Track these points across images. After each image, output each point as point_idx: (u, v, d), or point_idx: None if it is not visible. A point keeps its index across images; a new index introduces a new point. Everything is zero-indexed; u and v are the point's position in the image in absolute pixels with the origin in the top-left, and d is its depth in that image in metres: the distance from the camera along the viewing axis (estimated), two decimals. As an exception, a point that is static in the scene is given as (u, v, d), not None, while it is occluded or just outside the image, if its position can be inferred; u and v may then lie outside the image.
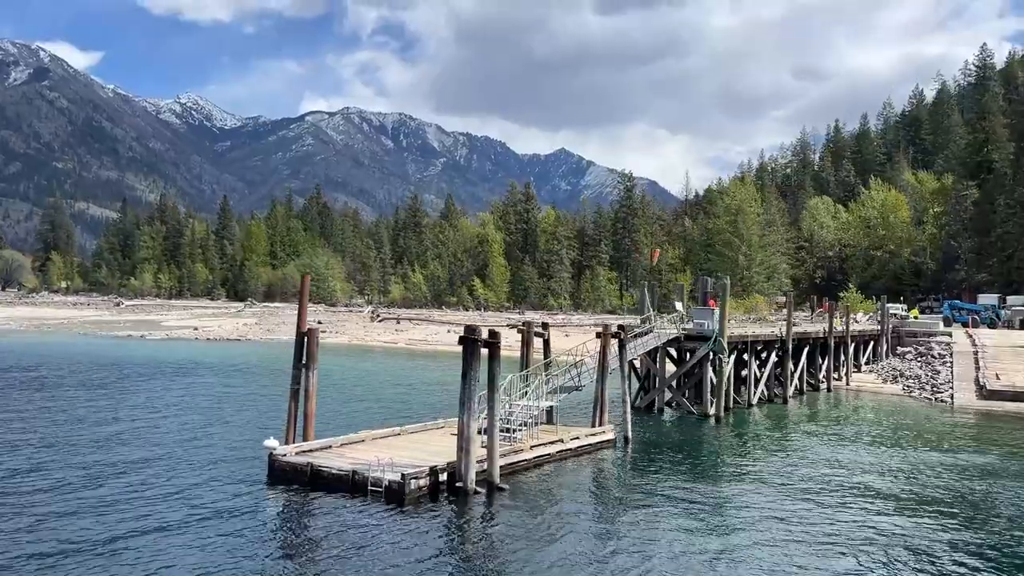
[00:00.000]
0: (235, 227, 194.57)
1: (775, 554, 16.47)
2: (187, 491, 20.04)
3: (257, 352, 63.56)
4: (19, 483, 20.34)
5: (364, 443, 23.51)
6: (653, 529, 18.01)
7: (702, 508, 19.99)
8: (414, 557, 15.89)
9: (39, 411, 31.05)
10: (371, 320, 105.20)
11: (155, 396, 36.26)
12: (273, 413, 32.24)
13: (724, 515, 19.38)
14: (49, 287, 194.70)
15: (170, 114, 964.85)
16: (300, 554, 16.04)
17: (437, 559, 16.06)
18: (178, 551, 15.60)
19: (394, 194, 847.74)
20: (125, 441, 26.03)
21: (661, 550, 16.51)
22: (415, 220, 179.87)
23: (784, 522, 18.86)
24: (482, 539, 17.58)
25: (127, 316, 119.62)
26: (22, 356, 53.62)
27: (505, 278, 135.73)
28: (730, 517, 19.23)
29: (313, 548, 16.31)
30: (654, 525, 18.31)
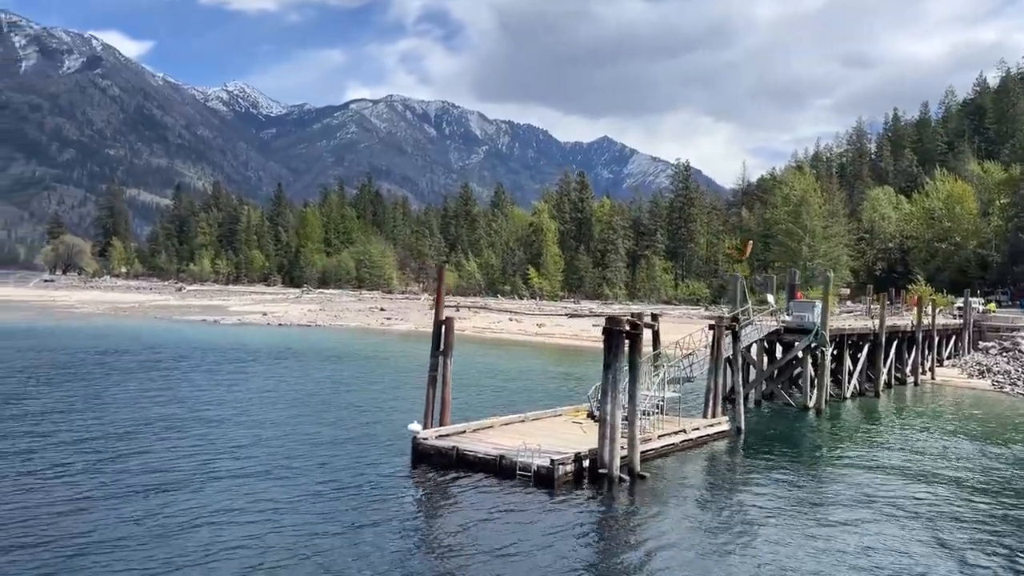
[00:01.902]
0: (289, 214, 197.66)
1: (903, 549, 16.79)
2: (334, 473, 20.81)
3: (336, 339, 64.86)
4: (181, 465, 21.34)
5: (494, 428, 24.23)
6: (789, 522, 18.32)
7: (833, 502, 20.32)
8: (569, 540, 16.45)
9: (174, 396, 32.30)
10: (431, 308, 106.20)
11: (272, 381, 37.35)
12: (392, 398, 33.24)
13: (854, 509, 19.65)
14: (110, 272, 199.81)
15: (217, 102, 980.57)
16: (455, 534, 16.60)
17: (592, 542, 16.68)
18: (329, 530, 16.24)
19: (436, 182, 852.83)
20: (259, 424, 27.00)
21: (803, 543, 16.73)
22: (466, 209, 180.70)
23: (912, 518, 19.14)
24: (632, 524, 18.10)
25: (191, 301, 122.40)
26: (120, 339, 55.48)
27: (559, 267, 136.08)
28: (859, 511, 19.49)
29: (467, 529, 16.86)
30: (790, 518, 18.62)
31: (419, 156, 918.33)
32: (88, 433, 24.10)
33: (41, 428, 24.62)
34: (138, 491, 18.23)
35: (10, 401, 28.84)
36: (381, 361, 47.96)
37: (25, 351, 45.28)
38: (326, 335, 68.16)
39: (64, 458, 20.98)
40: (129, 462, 20.93)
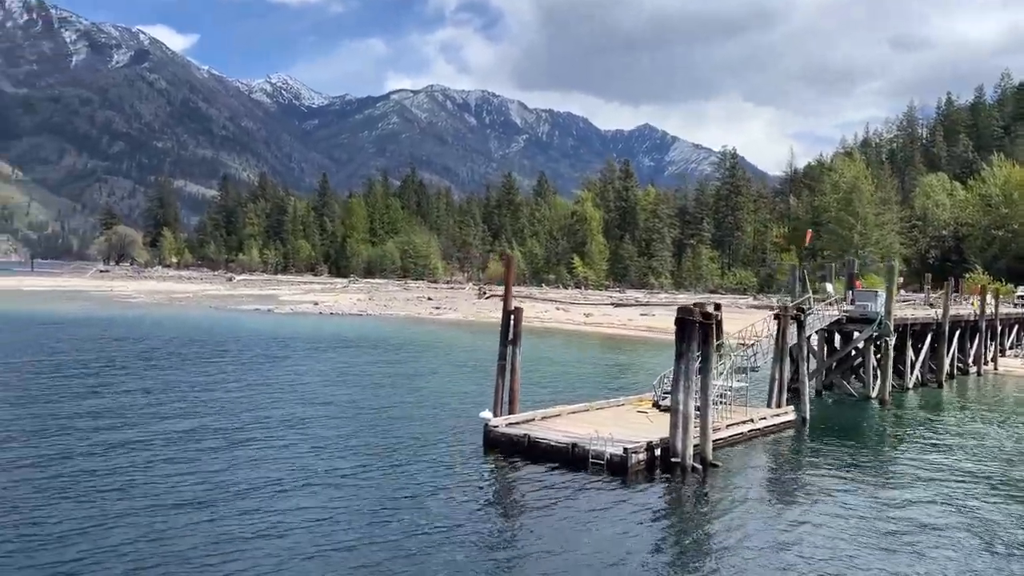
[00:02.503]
0: (334, 205, 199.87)
1: (974, 545, 16.66)
2: (407, 460, 21.25)
3: (389, 328, 65.64)
4: (257, 451, 21.96)
5: (561, 417, 24.52)
6: (860, 514, 18.21)
7: (903, 496, 20.20)
8: (644, 528, 16.66)
9: (246, 384, 33.08)
10: (478, 297, 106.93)
11: (337, 370, 38.01)
12: (456, 387, 33.68)
13: (925, 504, 19.51)
14: (161, 262, 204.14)
15: (261, 94, 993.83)
16: (529, 520, 16.82)
17: (667, 531, 16.86)
18: (402, 516, 16.57)
19: (476, 171, 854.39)
20: (331, 411, 27.60)
21: (875, 538, 16.61)
22: (509, 198, 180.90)
23: (984, 511, 18.98)
24: (707, 513, 18.21)
25: (242, 290, 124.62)
26: (183, 329, 56.86)
27: (604, 256, 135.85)
28: (930, 506, 19.36)
29: (541, 516, 17.08)
30: (860, 510, 18.52)
31: (459, 146, 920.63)
32: (174, 418, 24.91)
33: (129, 416, 25.47)
34: (218, 471, 18.88)
35: (96, 390, 29.88)
36: (438, 350, 48.53)
37: (99, 340, 46.71)
38: (378, 324, 69.03)
39: (151, 441, 21.75)
40: (211, 444, 21.62)
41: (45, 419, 24.18)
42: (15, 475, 18.14)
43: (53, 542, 14.11)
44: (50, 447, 20.81)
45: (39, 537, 14.32)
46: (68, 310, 73.07)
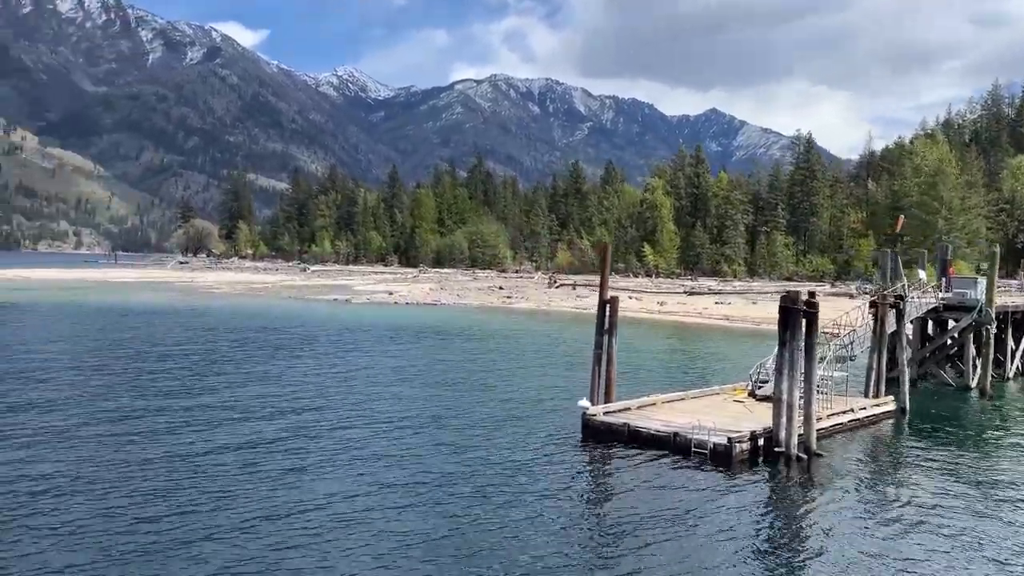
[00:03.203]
0: (403, 196, 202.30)
1: None
2: (505, 447, 21.48)
3: (465, 317, 66.30)
4: (359, 439, 22.51)
5: (656, 406, 24.50)
6: (966, 509, 17.73)
7: (1011, 492, 19.64)
8: (750, 518, 16.57)
9: (339, 372, 33.93)
10: (549, 286, 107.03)
11: (423, 359, 38.64)
12: (544, 376, 33.94)
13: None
14: (237, 253, 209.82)
15: (328, 87, 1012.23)
16: (633, 510, 16.79)
17: (774, 521, 16.71)
18: (503, 504, 16.78)
19: (540, 160, 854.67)
20: (424, 400, 28.10)
21: (982, 534, 16.16)
22: (576, 186, 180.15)
23: None
24: (814, 503, 17.97)
25: (316, 281, 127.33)
26: (267, 318, 58.52)
27: (675, 244, 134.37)
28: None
29: (645, 505, 17.08)
30: (965, 504, 18.00)
31: (523, 134, 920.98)
32: (279, 407, 25.75)
33: (239, 404, 26.41)
34: (319, 460, 19.48)
35: (202, 378, 31.02)
36: (518, 339, 48.86)
37: (194, 329, 48.41)
38: (454, 313, 69.76)
39: (256, 429, 22.55)
40: (309, 433, 22.28)
41: (163, 407, 25.24)
42: (131, 454, 19.04)
43: (164, 521, 14.78)
44: (168, 432, 21.74)
45: (149, 515, 15.03)
46: (158, 300, 75.91)
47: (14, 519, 14.54)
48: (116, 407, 24.66)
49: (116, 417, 23.30)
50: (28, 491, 16.15)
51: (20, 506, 15.27)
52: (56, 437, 20.68)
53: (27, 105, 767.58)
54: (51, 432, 21.22)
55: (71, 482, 16.88)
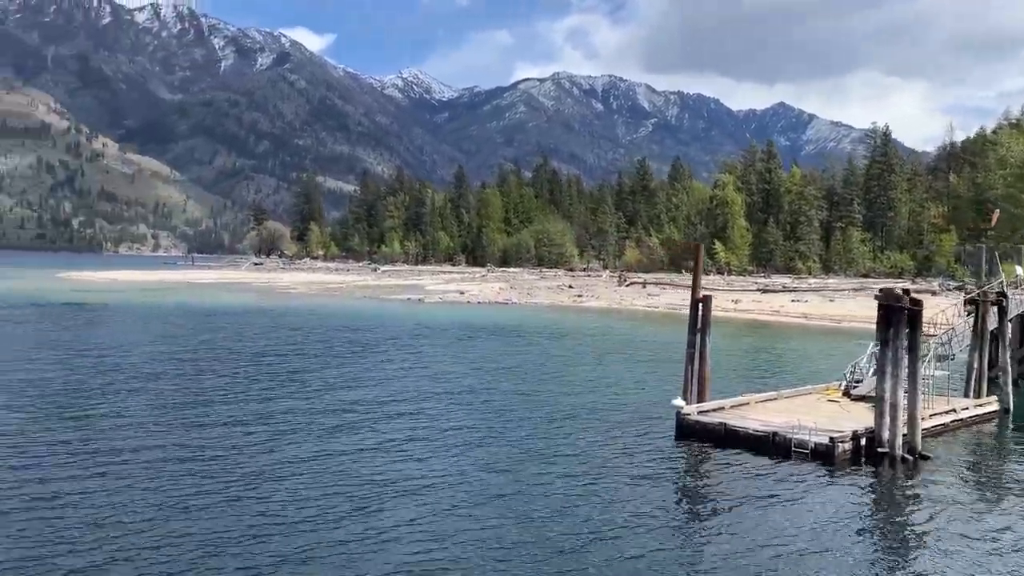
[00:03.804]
0: (469, 196, 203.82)
1: None
2: (598, 446, 21.52)
3: (539, 316, 66.57)
4: (450, 438, 22.85)
5: (750, 406, 24.26)
6: None
7: None
8: (856, 520, 16.27)
9: (427, 372, 34.48)
10: (619, 284, 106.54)
11: (505, 358, 38.96)
12: (628, 374, 33.88)
13: None
14: (309, 254, 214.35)
15: (393, 89, 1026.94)
16: (733, 510, 16.68)
17: (881, 523, 16.38)
18: (601, 501, 16.82)
19: (604, 157, 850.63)
20: (515, 398, 28.34)
21: None
22: (643, 183, 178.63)
23: None
24: (921, 506, 17.53)
25: (387, 281, 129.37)
26: (347, 318, 59.79)
27: (747, 241, 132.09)
28: None
29: (746, 505, 16.93)
30: None
31: (586, 132, 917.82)
32: (369, 402, 26.35)
33: (332, 403, 27.11)
34: (415, 459, 19.87)
35: (294, 377, 31.90)
36: (594, 338, 48.81)
37: (279, 329, 49.77)
38: (526, 313, 70.04)
39: (348, 423, 23.14)
40: (406, 434, 22.73)
41: (261, 409, 26.07)
42: (220, 448, 19.75)
43: (246, 512, 15.30)
44: (269, 434, 22.45)
45: (234, 507, 15.57)
46: (241, 301, 78.24)
47: (130, 512, 15.25)
48: (216, 406, 25.59)
49: (218, 416, 24.18)
50: (129, 488, 16.91)
51: (133, 502, 16.00)
52: (160, 434, 21.57)
53: (107, 114, 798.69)
54: (155, 430, 22.13)
55: (169, 479, 17.61)
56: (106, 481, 16.89)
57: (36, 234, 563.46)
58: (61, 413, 23.36)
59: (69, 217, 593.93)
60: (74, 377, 29.53)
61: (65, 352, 36.20)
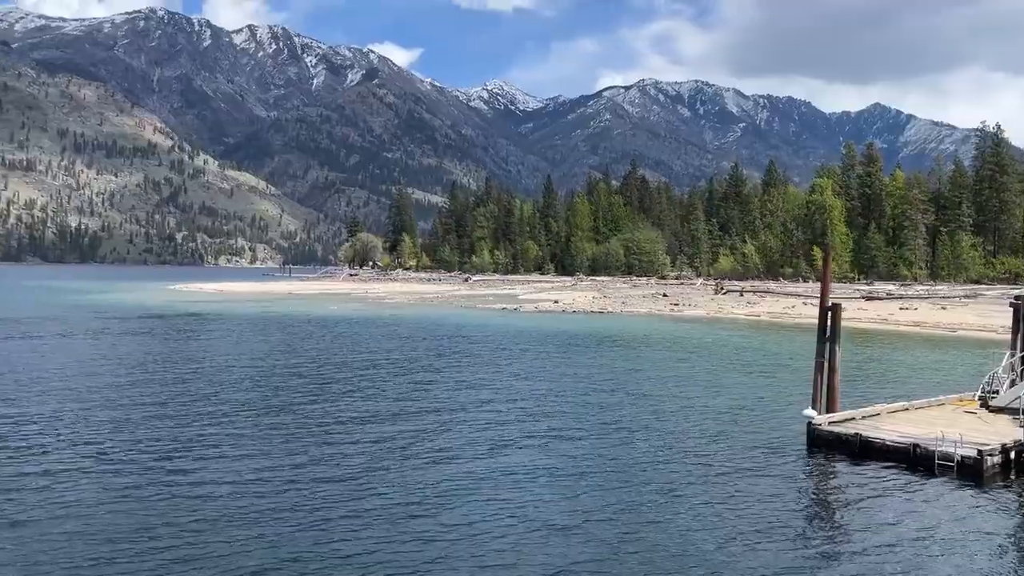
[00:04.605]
0: (557, 205, 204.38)
1: None
2: (726, 455, 21.26)
3: (638, 325, 66.20)
4: (579, 448, 23.01)
5: (882, 416, 23.62)
6: None
7: None
8: (1007, 538, 15.61)
9: (543, 382, 34.84)
10: (715, 293, 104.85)
11: (619, 366, 39.02)
12: (745, 385, 33.43)
13: None
14: (401, 265, 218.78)
15: (479, 101, 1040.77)
16: (874, 523, 16.19)
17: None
18: (733, 511, 16.59)
19: (691, 164, 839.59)
20: (643, 407, 28.31)
21: None
22: (736, 190, 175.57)
23: None
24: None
25: (479, 290, 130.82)
26: (450, 326, 60.85)
27: (847, 247, 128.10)
28: None
29: (887, 518, 16.44)
30: None
31: (672, 138, 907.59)
32: (489, 410, 26.84)
33: (454, 409, 27.72)
34: (544, 467, 20.10)
35: (415, 383, 32.72)
36: (700, 348, 48.18)
37: (391, 338, 51.08)
38: (624, 322, 69.74)
39: (475, 428, 23.60)
40: (530, 437, 23.03)
41: (384, 412, 26.88)
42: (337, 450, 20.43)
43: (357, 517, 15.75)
44: (381, 431, 23.13)
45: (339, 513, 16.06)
46: (346, 310, 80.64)
47: (243, 512, 16.00)
48: (345, 413, 26.49)
49: (347, 422, 25.04)
50: (243, 492, 17.70)
51: (243, 506, 16.76)
52: (285, 439, 22.50)
53: (207, 131, 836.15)
54: (283, 434, 23.09)
55: (285, 485, 18.34)
56: (256, 486, 17.76)
57: (144, 248, 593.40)
58: (216, 417, 24.66)
59: (173, 232, 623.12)
60: (216, 383, 31.07)
61: (199, 361, 38.13)
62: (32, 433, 22.14)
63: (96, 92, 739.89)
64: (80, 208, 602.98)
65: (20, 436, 21.76)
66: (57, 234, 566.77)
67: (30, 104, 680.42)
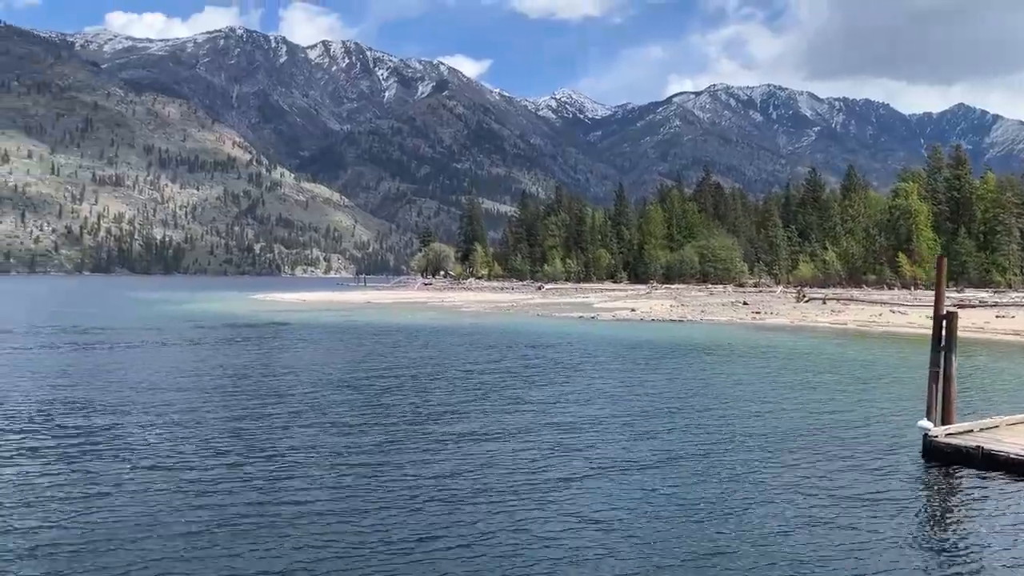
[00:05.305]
0: (629, 212, 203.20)
1: None
2: (838, 467, 20.70)
3: (724, 334, 65.25)
4: (689, 461, 22.76)
5: (1000, 428, 22.72)
6: None
7: None
8: None
9: (638, 392, 34.74)
10: (797, 301, 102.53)
11: (724, 376, 38.60)
12: (846, 396, 32.61)
13: None
14: (473, 274, 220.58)
15: (547, 110, 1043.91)
16: (1002, 538, 15.56)
17: None
18: (849, 523, 16.10)
19: (764, 169, 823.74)
20: (753, 416, 27.92)
21: None
22: (815, 195, 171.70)
23: None
24: None
25: (553, 299, 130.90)
26: (536, 335, 61.03)
27: (934, 252, 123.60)
28: None
29: (1013, 537, 15.72)
30: None
31: (744, 144, 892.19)
32: (592, 421, 26.83)
33: (559, 421, 27.81)
34: (647, 464, 19.94)
35: (510, 393, 32.92)
36: (795, 357, 47.03)
37: (475, 347, 51.48)
38: (706, 330, 68.78)
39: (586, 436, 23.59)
40: (626, 451, 22.89)
41: (497, 419, 27.12)
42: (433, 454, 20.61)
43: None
44: (504, 445, 23.29)
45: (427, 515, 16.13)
46: (424, 319, 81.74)
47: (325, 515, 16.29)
48: (449, 426, 26.85)
49: (456, 437, 25.37)
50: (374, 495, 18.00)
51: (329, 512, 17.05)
52: (381, 445, 22.88)
53: (284, 145, 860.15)
54: (410, 444, 23.49)
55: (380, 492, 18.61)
56: (357, 500, 18.15)
57: (224, 259, 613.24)
58: (320, 423, 25.32)
59: (251, 243, 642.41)
60: (316, 392, 31.89)
61: (297, 369, 39.18)
62: (153, 438, 23.09)
63: (179, 109, 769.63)
64: (164, 221, 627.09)
65: (141, 441, 22.72)
66: (143, 246, 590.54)
67: (118, 122, 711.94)
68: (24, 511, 15.88)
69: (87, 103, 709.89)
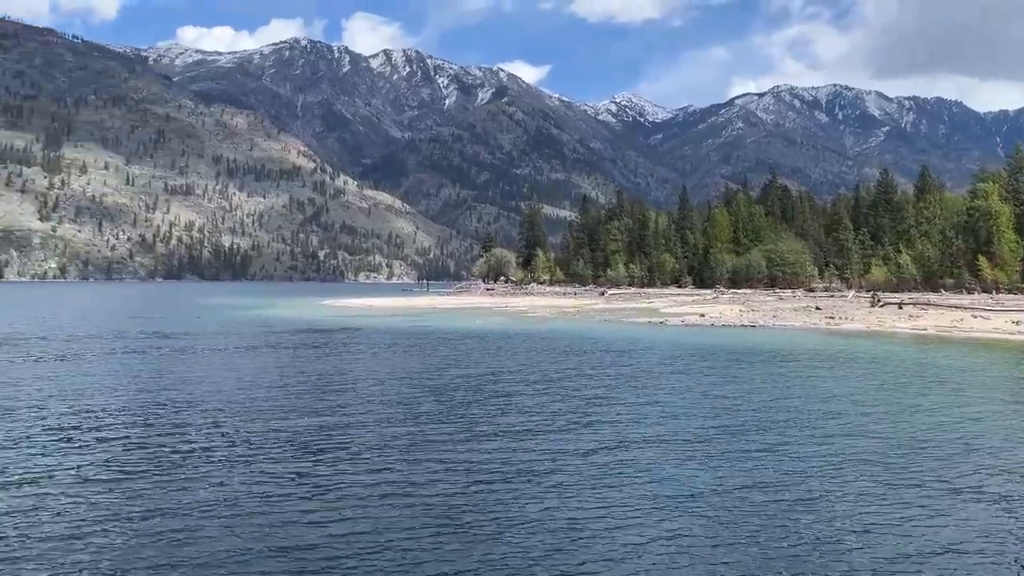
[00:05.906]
0: (693, 216, 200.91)
1: None
2: (955, 473, 20.13)
3: (800, 339, 63.90)
4: (798, 468, 22.28)
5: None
6: None
7: None
8: None
9: (747, 402, 34.28)
10: (871, 305, 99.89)
11: (817, 384, 37.83)
12: (948, 405, 31.61)
13: None
14: (535, 279, 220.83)
15: (607, 115, 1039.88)
16: None
17: None
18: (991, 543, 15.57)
19: (830, 171, 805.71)
20: (856, 428, 27.30)
21: None
22: (887, 197, 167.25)
23: None
24: None
25: (617, 304, 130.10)
26: (608, 341, 60.73)
27: (1017, 255, 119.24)
28: None
29: None
30: None
31: (810, 145, 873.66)
32: (687, 432, 26.52)
33: (649, 431, 27.59)
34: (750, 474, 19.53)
35: (600, 402, 32.79)
36: (880, 364, 45.63)
37: (551, 352, 51.43)
38: (783, 336, 67.46)
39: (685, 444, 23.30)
40: (721, 466, 22.48)
41: (588, 428, 27.04)
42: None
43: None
44: (595, 448, 23.16)
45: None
46: (492, 324, 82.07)
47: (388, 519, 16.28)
48: (533, 433, 26.84)
49: (550, 433, 25.33)
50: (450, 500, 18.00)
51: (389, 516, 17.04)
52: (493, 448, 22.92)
53: (347, 153, 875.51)
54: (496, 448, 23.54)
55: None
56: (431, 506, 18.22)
57: (289, 265, 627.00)
58: (436, 428, 25.59)
59: (316, 249, 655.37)
60: (400, 397, 32.27)
61: (377, 374, 39.71)
62: (255, 436, 23.65)
63: (247, 120, 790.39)
64: (232, 229, 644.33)
65: (243, 439, 23.28)
66: (212, 253, 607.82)
67: (189, 133, 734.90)
68: (135, 500, 16.40)
69: (159, 115, 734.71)
